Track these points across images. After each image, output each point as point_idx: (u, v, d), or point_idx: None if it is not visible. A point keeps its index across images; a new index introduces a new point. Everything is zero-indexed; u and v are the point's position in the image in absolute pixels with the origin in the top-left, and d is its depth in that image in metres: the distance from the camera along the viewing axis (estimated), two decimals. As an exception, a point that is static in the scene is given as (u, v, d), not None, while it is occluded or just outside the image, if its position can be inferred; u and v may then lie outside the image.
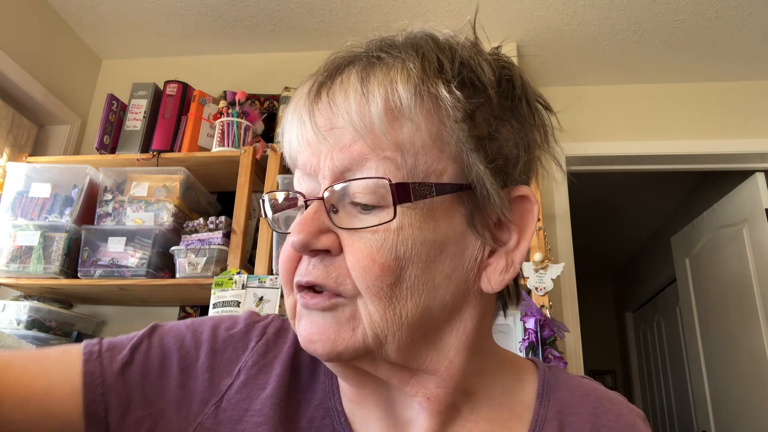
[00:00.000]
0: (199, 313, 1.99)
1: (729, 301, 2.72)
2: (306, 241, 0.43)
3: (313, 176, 0.46)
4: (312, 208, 0.44)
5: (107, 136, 1.96)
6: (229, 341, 0.54)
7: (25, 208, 1.81)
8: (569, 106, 2.54)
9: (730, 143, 2.40)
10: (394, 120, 0.43)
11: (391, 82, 0.44)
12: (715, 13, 2.10)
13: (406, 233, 0.43)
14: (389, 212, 0.42)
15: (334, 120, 0.44)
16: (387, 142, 0.43)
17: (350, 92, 0.44)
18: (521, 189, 0.48)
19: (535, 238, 1.64)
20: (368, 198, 0.43)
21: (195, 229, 1.75)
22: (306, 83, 0.49)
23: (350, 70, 0.46)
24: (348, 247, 0.43)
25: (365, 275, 0.42)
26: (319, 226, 0.44)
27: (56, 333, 1.80)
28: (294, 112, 0.48)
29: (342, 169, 0.44)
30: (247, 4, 2.14)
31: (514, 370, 0.54)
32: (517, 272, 0.48)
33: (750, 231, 2.53)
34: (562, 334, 1.51)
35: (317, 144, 0.45)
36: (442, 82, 0.44)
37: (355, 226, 0.43)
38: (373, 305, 0.43)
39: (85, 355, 0.50)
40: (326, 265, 0.44)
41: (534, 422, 0.49)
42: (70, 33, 2.29)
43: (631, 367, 5.14)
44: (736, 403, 2.67)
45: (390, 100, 0.44)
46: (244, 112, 1.90)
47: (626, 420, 0.51)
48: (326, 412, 0.51)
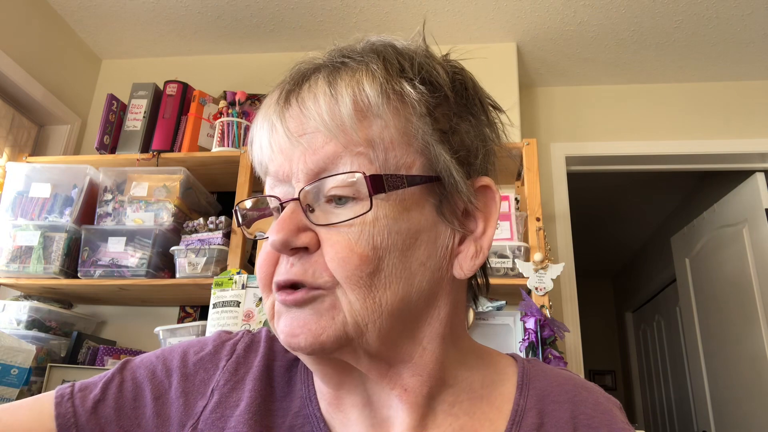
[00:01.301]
0: (199, 313, 1.99)
1: (729, 302, 2.72)
2: (285, 239, 0.44)
3: (286, 182, 0.47)
4: (288, 208, 0.46)
5: (107, 136, 1.96)
6: (200, 364, 0.55)
7: (25, 208, 1.81)
8: (569, 106, 2.54)
9: (730, 143, 2.41)
10: (364, 118, 0.46)
11: (358, 83, 0.46)
12: (715, 13, 2.10)
13: (382, 224, 0.45)
14: (364, 204, 0.44)
15: (306, 124, 0.46)
16: (358, 139, 0.45)
17: (319, 95, 0.46)
18: (483, 179, 0.51)
19: (535, 238, 1.64)
20: (343, 191, 0.45)
21: (195, 229, 1.75)
22: (273, 93, 0.51)
23: (316, 76, 0.48)
24: (326, 242, 0.45)
25: (344, 266, 0.44)
26: (297, 225, 0.45)
27: (56, 333, 1.80)
28: (264, 119, 0.49)
29: (317, 171, 0.45)
30: (247, 4, 2.14)
31: (494, 363, 0.55)
32: (485, 257, 0.50)
33: (750, 231, 2.53)
34: (562, 334, 1.51)
35: (289, 149, 0.47)
36: (405, 80, 0.47)
37: (332, 221, 0.45)
38: (353, 294, 0.44)
39: (57, 398, 0.51)
40: (303, 262, 0.45)
41: (514, 412, 0.50)
42: (70, 33, 2.29)
43: (631, 367, 5.14)
44: (736, 403, 2.67)
45: (358, 100, 0.46)
46: (244, 112, 1.90)
47: (603, 408, 0.52)
48: (305, 420, 0.51)
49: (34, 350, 1.54)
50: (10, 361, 1.47)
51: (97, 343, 1.83)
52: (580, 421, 0.50)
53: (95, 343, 1.83)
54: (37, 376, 1.67)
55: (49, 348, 1.74)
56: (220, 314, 1.58)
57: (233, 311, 1.58)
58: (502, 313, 1.67)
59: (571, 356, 1.98)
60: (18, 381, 1.49)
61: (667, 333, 4.23)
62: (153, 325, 1.73)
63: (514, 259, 1.63)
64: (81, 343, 1.81)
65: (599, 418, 0.51)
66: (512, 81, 2.25)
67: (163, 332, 1.68)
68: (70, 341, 1.81)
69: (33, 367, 1.61)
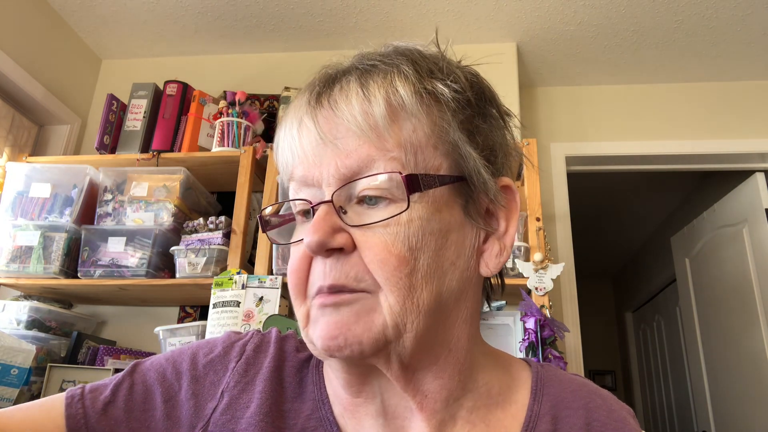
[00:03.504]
0: (199, 313, 1.99)
1: (729, 301, 2.72)
2: (322, 240, 0.44)
3: (314, 185, 0.47)
4: (321, 210, 0.45)
5: (107, 136, 1.96)
6: (209, 366, 0.54)
7: (25, 208, 1.81)
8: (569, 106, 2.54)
9: (730, 143, 2.40)
10: (396, 119, 0.46)
11: (390, 83, 0.47)
12: (715, 13, 2.10)
13: (416, 225, 0.45)
14: (399, 205, 0.45)
15: (338, 125, 0.46)
16: (391, 142, 0.46)
17: (352, 97, 0.46)
18: (504, 179, 0.52)
19: (535, 238, 1.64)
20: (376, 192, 0.45)
21: (195, 229, 1.75)
22: (301, 95, 0.50)
23: (347, 78, 0.48)
24: (362, 243, 0.45)
25: (384, 267, 0.44)
26: (331, 226, 0.45)
27: (56, 333, 1.80)
28: (294, 121, 0.49)
29: (349, 175, 0.45)
30: (247, 4, 2.14)
31: (508, 368, 0.55)
32: (509, 255, 0.51)
33: (750, 231, 2.53)
34: (562, 334, 1.51)
35: (321, 152, 0.47)
36: (437, 80, 0.48)
37: (367, 222, 0.45)
38: (393, 296, 0.44)
39: (67, 399, 0.51)
40: (342, 264, 0.45)
41: (528, 418, 0.50)
42: (70, 33, 2.29)
43: (631, 367, 5.14)
44: (736, 403, 2.67)
45: (392, 101, 0.46)
46: (244, 112, 1.90)
47: (618, 415, 0.52)
48: (318, 423, 0.51)
49: (34, 350, 1.54)
50: (10, 361, 1.47)
51: (97, 343, 1.83)
52: (593, 428, 0.50)
53: (95, 343, 1.83)
54: (37, 376, 1.67)
55: (49, 348, 1.74)
56: (220, 314, 1.58)
57: (233, 311, 1.58)
58: (502, 313, 1.67)
59: (571, 356, 1.98)
60: (18, 381, 1.49)
61: (667, 333, 4.23)
62: (153, 325, 1.73)
63: (514, 259, 1.63)
64: (81, 343, 1.81)
65: (613, 425, 0.51)
66: (512, 81, 2.25)
67: (163, 332, 1.68)
68: (70, 341, 1.81)
69: (33, 367, 1.61)
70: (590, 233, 4.20)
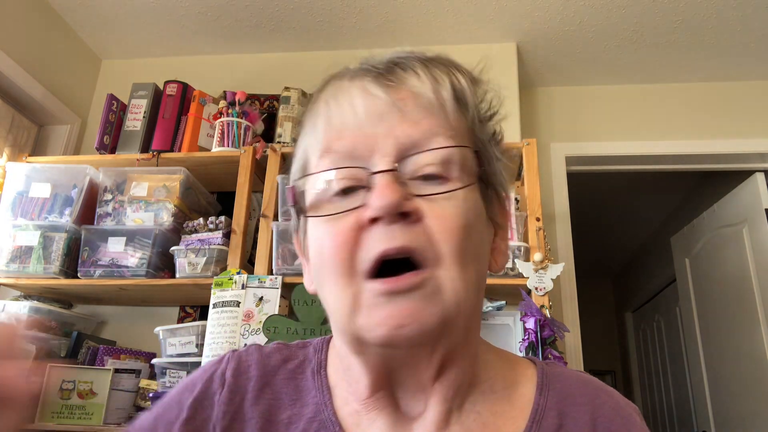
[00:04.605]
0: (199, 313, 1.99)
1: (729, 301, 2.72)
2: (398, 200, 0.42)
3: (363, 158, 0.45)
4: (386, 177, 0.44)
5: (107, 136, 1.96)
6: (196, 404, 0.53)
7: (25, 208, 1.81)
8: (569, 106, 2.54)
9: (730, 143, 2.40)
10: (458, 105, 0.48)
11: (453, 74, 0.49)
12: (715, 13, 2.10)
13: (470, 203, 0.46)
14: (459, 181, 0.45)
15: (406, 98, 0.46)
16: (451, 123, 0.47)
17: (422, 76, 0.48)
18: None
19: (535, 238, 1.64)
20: (437, 169, 0.45)
21: (195, 229, 1.75)
22: (348, 75, 0.50)
23: (411, 62, 0.49)
24: (429, 212, 0.44)
25: (453, 237, 0.43)
26: (401, 191, 0.43)
27: (56, 333, 1.80)
28: (345, 92, 0.48)
29: (409, 145, 0.45)
30: (247, 4, 2.14)
31: (513, 366, 0.55)
32: (507, 258, 0.54)
33: (750, 231, 2.53)
34: (562, 334, 1.51)
35: (379, 121, 0.46)
36: (477, 84, 0.51)
37: (433, 192, 0.44)
38: (455, 269, 0.44)
39: None
40: (410, 230, 0.43)
41: (534, 411, 0.51)
42: (70, 33, 2.29)
43: (631, 367, 5.14)
44: (736, 403, 2.67)
45: (456, 87, 0.49)
46: (244, 112, 1.90)
47: (623, 412, 0.53)
48: (321, 425, 0.51)
49: (34, 350, 1.54)
50: (10, 361, 1.47)
51: (97, 343, 1.83)
52: (599, 423, 0.51)
53: (95, 343, 1.83)
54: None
55: (49, 348, 1.74)
56: (220, 314, 1.58)
57: (233, 311, 1.58)
58: (502, 313, 1.67)
59: (571, 356, 1.98)
60: (18, 381, 1.49)
61: (667, 333, 4.23)
62: (153, 325, 1.73)
63: (514, 259, 1.63)
64: (81, 343, 1.81)
65: (619, 422, 0.51)
66: (512, 81, 2.25)
67: (163, 332, 1.68)
68: (70, 341, 1.81)
69: (33, 367, 1.61)
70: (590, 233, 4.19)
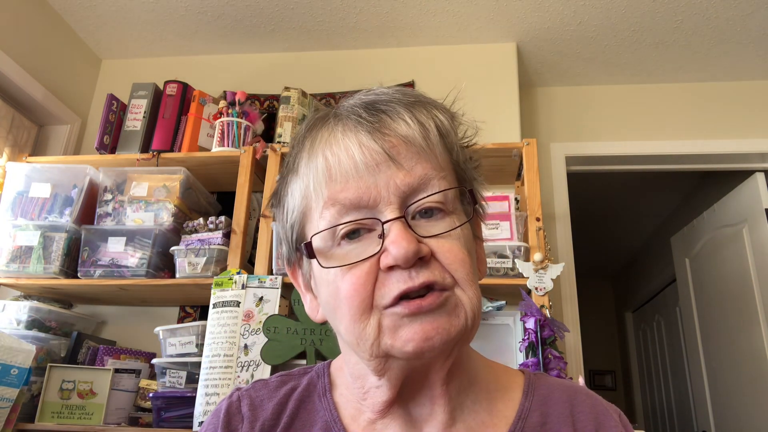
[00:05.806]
0: (199, 313, 1.99)
1: (729, 301, 2.72)
2: (416, 249, 0.48)
3: (368, 207, 0.50)
4: (399, 225, 0.49)
5: (107, 136, 1.96)
6: None
7: (25, 208, 1.81)
8: (569, 106, 2.54)
9: (730, 143, 2.40)
10: (444, 144, 0.53)
11: (433, 114, 0.53)
12: (715, 13, 2.10)
13: (466, 231, 0.53)
14: (456, 216, 0.52)
15: (398, 146, 0.50)
16: (441, 164, 0.52)
17: (409, 122, 0.51)
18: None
19: (535, 238, 1.64)
20: (436, 204, 0.51)
21: (195, 229, 1.75)
22: (330, 125, 0.53)
23: (393, 107, 0.52)
24: (438, 248, 0.50)
25: (463, 266, 0.50)
26: (414, 237, 0.49)
27: (56, 333, 1.80)
28: (337, 146, 0.51)
29: (409, 192, 0.50)
30: (247, 4, 2.14)
31: (504, 374, 0.62)
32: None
33: (750, 231, 2.53)
34: (562, 334, 1.51)
35: (377, 171, 0.49)
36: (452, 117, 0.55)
37: (436, 233, 0.50)
38: (470, 289, 0.50)
39: None
40: (427, 268, 0.49)
41: (521, 410, 0.57)
42: (70, 33, 2.29)
43: (631, 367, 5.14)
44: (736, 403, 2.67)
45: (441, 128, 0.53)
46: (244, 112, 1.90)
47: (601, 408, 0.58)
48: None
49: (34, 350, 1.54)
50: (10, 361, 1.47)
51: (97, 343, 1.83)
52: (577, 415, 0.57)
53: (95, 343, 1.83)
54: (37, 376, 1.66)
55: (49, 348, 1.74)
56: (220, 314, 1.58)
57: (233, 311, 1.58)
58: (502, 313, 1.67)
59: (571, 356, 1.98)
60: (18, 381, 1.49)
61: (667, 333, 4.23)
62: (153, 325, 1.73)
63: (514, 259, 1.63)
64: (81, 343, 1.81)
65: (595, 413, 0.57)
66: (512, 81, 2.25)
67: (163, 332, 1.68)
68: (70, 341, 1.80)
69: (33, 367, 1.61)
70: (590, 233, 4.20)
